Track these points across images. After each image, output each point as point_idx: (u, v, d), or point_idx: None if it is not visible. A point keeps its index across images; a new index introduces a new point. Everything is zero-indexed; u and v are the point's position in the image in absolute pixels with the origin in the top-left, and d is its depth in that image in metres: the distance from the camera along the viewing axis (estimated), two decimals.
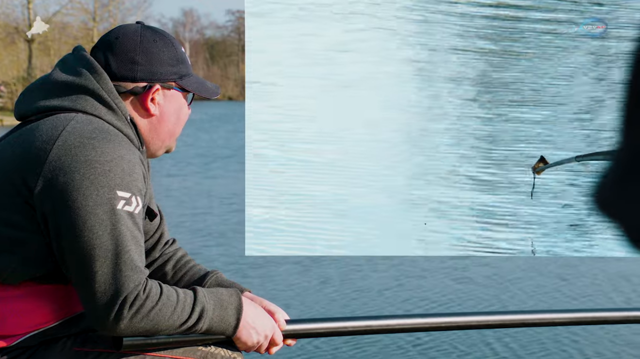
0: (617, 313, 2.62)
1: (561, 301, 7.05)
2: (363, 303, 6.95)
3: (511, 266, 8.33)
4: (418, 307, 6.82)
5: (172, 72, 2.09)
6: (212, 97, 2.18)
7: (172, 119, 2.11)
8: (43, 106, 2.01)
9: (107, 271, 1.86)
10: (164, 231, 2.33)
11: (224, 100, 58.75)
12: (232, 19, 74.27)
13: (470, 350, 5.69)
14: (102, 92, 2.01)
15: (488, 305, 6.91)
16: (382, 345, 5.74)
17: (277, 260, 8.39)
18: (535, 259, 8.42)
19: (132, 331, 1.90)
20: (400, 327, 2.36)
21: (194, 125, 31.44)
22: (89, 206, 1.86)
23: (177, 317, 1.93)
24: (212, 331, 2.01)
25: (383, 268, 8.27)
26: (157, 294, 1.91)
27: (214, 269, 2.32)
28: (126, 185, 1.89)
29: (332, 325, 2.27)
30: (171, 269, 2.30)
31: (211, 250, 9.15)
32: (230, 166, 18.71)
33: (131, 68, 2.05)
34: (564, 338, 5.94)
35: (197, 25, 76.44)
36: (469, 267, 8.33)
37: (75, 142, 1.90)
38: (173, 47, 2.10)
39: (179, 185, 15.16)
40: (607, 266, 8.32)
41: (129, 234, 1.89)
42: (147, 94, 2.07)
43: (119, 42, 2.06)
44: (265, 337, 2.09)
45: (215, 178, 16.49)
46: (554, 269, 8.25)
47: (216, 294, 2.02)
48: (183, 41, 65.24)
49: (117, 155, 1.90)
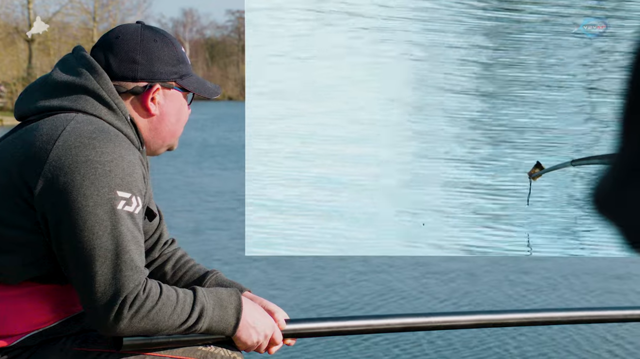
0: (617, 311, 2.62)
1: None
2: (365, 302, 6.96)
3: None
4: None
5: (173, 72, 2.09)
6: (213, 97, 2.18)
7: (172, 119, 2.11)
8: (43, 106, 2.01)
9: (107, 271, 1.86)
10: (164, 231, 2.33)
11: (224, 100, 58.73)
12: (232, 19, 74.27)
13: (471, 350, 5.69)
14: (102, 92, 2.01)
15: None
16: (382, 345, 5.74)
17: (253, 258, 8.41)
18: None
19: (132, 331, 1.90)
20: (400, 327, 2.36)
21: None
22: (89, 206, 1.86)
23: (177, 317, 1.93)
24: (212, 331, 2.01)
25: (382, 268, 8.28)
26: (157, 294, 1.91)
27: (214, 269, 2.32)
28: (126, 185, 1.89)
29: (332, 325, 2.27)
30: (171, 269, 2.30)
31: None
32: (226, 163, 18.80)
33: (131, 68, 2.05)
34: (564, 338, 5.94)
35: (197, 25, 76.44)
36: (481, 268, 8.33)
37: (75, 142, 1.90)
38: (173, 47, 2.10)
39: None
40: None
41: (129, 235, 1.89)
42: (147, 94, 2.07)
43: (119, 41, 2.06)
44: (265, 337, 2.09)
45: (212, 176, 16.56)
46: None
47: (216, 293, 2.02)
48: (183, 41, 65.22)
49: (117, 155, 1.90)
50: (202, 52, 68.47)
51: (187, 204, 12.71)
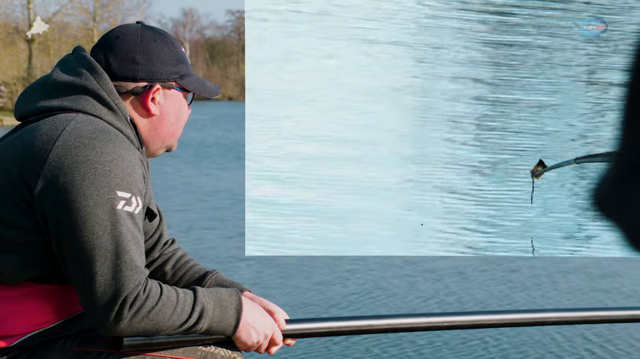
0: (618, 311, 2.62)
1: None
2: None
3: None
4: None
5: (173, 72, 2.09)
6: (213, 97, 2.18)
7: (172, 119, 2.11)
8: (43, 106, 2.01)
9: (107, 271, 1.86)
10: (164, 231, 2.33)
11: (224, 100, 58.74)
12: (232, 19, 74.30)
13: (471, 350, 5.69)
14: (102, 93, 2.01)
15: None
16: (382, 344, 5.74)
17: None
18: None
19: (132, 331, 1.90)
20: (400, 327, 2.36)
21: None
22: (89, 206, 1.86)
23: (177, 317, 1.93)
24: (212, 331, 2.01)
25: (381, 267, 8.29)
26: (157, 294, 1.91)
27: (214, 269, 2.32)
28: (126, 185, 1.89)
29: (332, 325, 2.27)
30: (171, 269, 2.30)
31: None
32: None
33: (131, 68, 2.05)
34: (564, 338, 5.94)
35: (197, 25, 76.49)
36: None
37: (75, 142, 1.90)
38: (173, 47, 2.10)
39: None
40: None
41: (129, 235, 1.89)
42: (147, 94, 2.06)
43: (119, 41, 2.06)
44: (265, 337, 2.09)
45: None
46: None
47: (216, 294, 2.02)
48: (183, 41, 65.22)
49: (117, 155, 1.90)
50: (202, 52, 68.49)
51: (183, 204, 12.71)
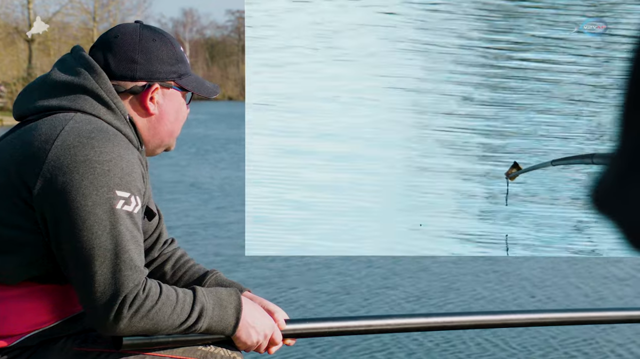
0: (618, 312, 2.61)
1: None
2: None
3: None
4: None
5: (171, 71, 2.09)
6: (211, 96, 2.18)
7: (171, 118, 2.11)
8: (42, 106, 2.01)
9: (106, 270, 1.86)
10: (163, 230, 2.32)
11: (224, 100, 58.72)
12: (232, 19, 74.28)
13: (471, 350, 5.69)
14: (101, 92, 2.01)
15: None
16: (382, 344, 5.74)
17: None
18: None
19: (132, 330, 1.90)
20: (400, 327, 2.36)
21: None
22: (88, 205, 1.86)
23: (176, 316, 1.93)
24: (212, 331, 2.01)
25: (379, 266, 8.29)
26: (157, 293, 1.91)
27: (213, 269, 2.32)
28: (125, 185, 1.89)
29: (332, 325, 2.27)
30: (170, 269, 2.30)
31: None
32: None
33: (130, 67, 2.05)
34: (563, 337, 5.94)
35: (197, 25, 76.45)
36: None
37: (74, 141, 1.90)
38: (172, 46, 2.10)
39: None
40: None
41: (128, 234, 1.88)
42: (146, 93, 2.06)
43: (117, 41, 2.06)
44: (264, 336, 2.09)
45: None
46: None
47: (216, 293, 2.02)
48: (183, 41, 65.24)
49: (116, 155, 1.90)
50: (202, 52, 68.46)
51: (183, 203, 12.71)
